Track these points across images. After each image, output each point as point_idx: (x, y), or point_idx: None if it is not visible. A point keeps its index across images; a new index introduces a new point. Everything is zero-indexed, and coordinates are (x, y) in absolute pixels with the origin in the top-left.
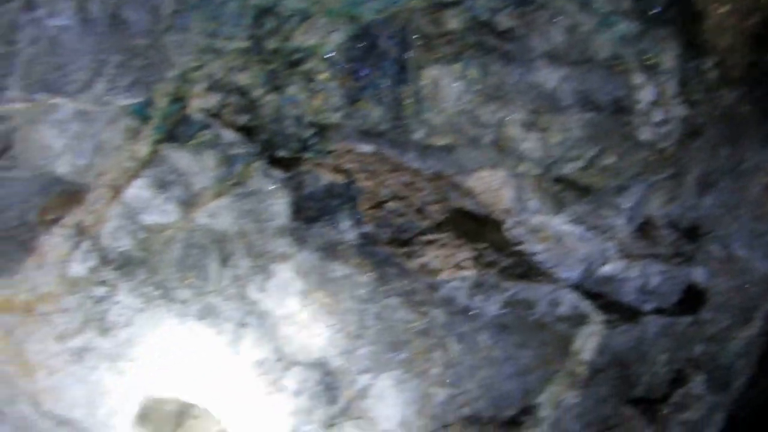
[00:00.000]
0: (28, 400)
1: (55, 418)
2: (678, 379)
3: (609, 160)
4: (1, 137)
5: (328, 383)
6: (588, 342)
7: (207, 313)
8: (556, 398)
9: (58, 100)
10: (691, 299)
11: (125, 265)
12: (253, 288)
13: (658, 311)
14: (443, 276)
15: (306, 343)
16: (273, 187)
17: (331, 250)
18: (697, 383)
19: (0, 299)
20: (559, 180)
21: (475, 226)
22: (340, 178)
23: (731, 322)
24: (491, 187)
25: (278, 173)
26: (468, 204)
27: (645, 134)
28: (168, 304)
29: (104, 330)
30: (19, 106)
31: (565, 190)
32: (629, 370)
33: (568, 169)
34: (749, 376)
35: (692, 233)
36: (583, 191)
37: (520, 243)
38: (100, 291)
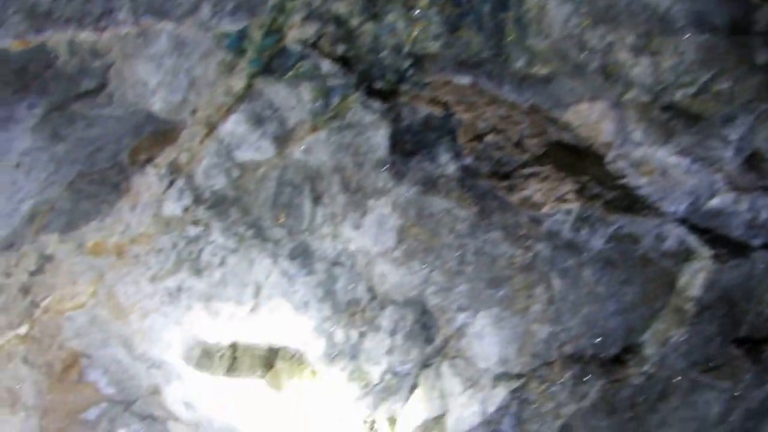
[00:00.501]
0: (120, 343)
1: (148, 361)
2: None
3: (723, 85)
4: (96, 74)
5: (425, 322)
6: (695, 278)
7: (300, 253)
8: (662, 336)
9: (164, 24)
10: None
11: (219, 204)
12: (348, 225)
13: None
14: (546, 209)
15: (401, 282)
16: (371, 118)
17: (430, 184)
18: None
19: (91, 243)
20: (667, 108)
21: (576, 160)
22: (437, 111)
23: None
24: (590, 120)
25: (377, 105)
26: (567, 137)
27: (762, 57)
28: (261, 243)
29: (198, 270)
30: (127, 30)
31: (674, 118)
32: (736, 308)
33: (679, 95)
34: None
35: None
36: (691, 120)
37: (622, 176)
38: (194, 231)
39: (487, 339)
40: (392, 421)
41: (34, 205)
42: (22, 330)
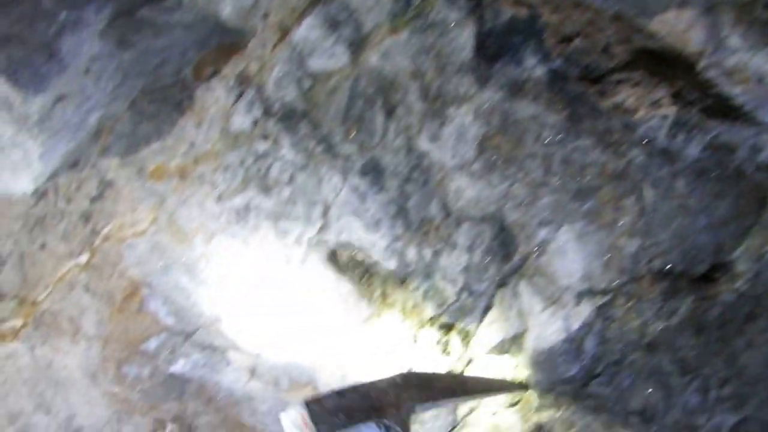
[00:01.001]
0: (183, 270)
1: (211, 286)
2: None
3: None
4: None
5: (503, 239)
6: None
7: (371, 169)
8: (757, 251)
9: None
10: None
11: (289, 117)
12: (425, 137)
13: None
14: (640, 115)
15: (479, 196)
16: (456, 17)
17: (516, 89)
18: None
19: (152, 167)
20: None
21: (666, 67)
22: (522, 12)
23: None
24: (677, 29)
25: (462, 1)
26: (653, 46)
27: None
28: (331, 160)
29: (266, 188)
30: None
31: None
32: None
33: None
34: None
35: None
36: None
37: (716, 84)
38: (263, 146)
39: (569, 255)
40: (466, 341)
41: (101, 118)
42: (83, 258)
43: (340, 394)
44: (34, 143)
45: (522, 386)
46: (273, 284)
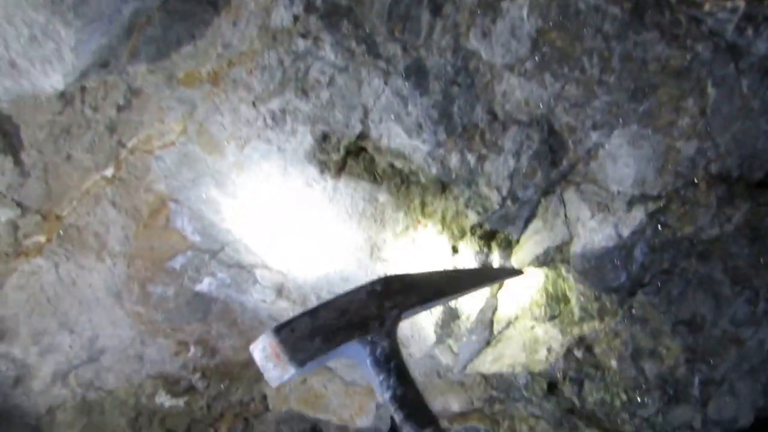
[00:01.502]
0: (212, 182)
1: (244, 197)
2: None
3: None
4: None
5: (551, 143)
6: None
7: (414, 71)
8: None
9: None
10: None
11: (331, 14)
12: (474, 34)
13: None
14: (708, 7)
15: (529, 98)
16: None
17: None
18: None
19: (182, 73)
20: None
21: None
22: None
23: None
24: None
25: None
26: None
27: None
28: (373, 61)
29: (304, 90)
30: None
31: None
32: None
33: None
34: None
35: None
36: None
37: None
38: (303, 45)
39: (622, 159)
40: (508, 252)
41: (134, 12)
42: (109, 171)
43: (313, 314)
44: (67, 32)
45: (516, 272)
46: (307, 195)
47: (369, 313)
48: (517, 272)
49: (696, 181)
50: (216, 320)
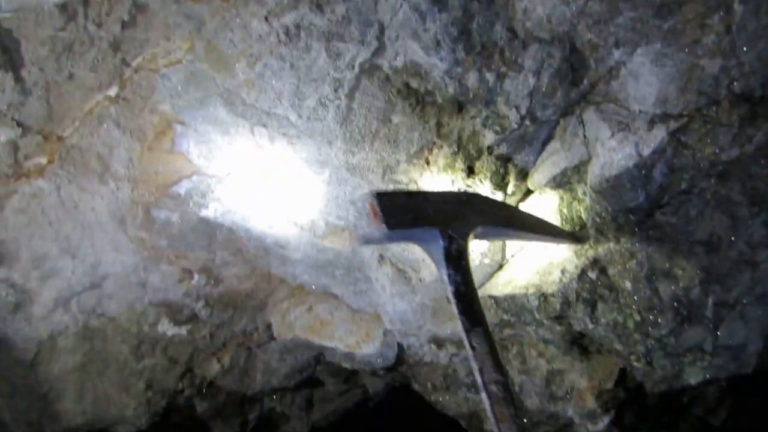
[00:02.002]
0: (221, 102)
1: (253, 118)
2: None
3: None
4: None
5: (573, 62)
6: None
7: None
8: None
9: None
10: None
11: None
12: None
13: None
14: None
15: (551, 14)
16: None
17: None
18: None
19: None
20: None
21: None
22: None
23: None
24: None
25: None
26: None
27: None
28: None
29: (319, 5)
30: None
31: None
32: None
33: None
34: None
35: None
36: None
37: None
38: None
39: (644, 78)
40: (524, 173)
41: None
42: (113, 91)
43: (410, 194)
44: None
45: (577, 239)
46: (320, 115)
47: (455, 212)
48: (577, 239)
49: (718, 100)
50: (221, 247)
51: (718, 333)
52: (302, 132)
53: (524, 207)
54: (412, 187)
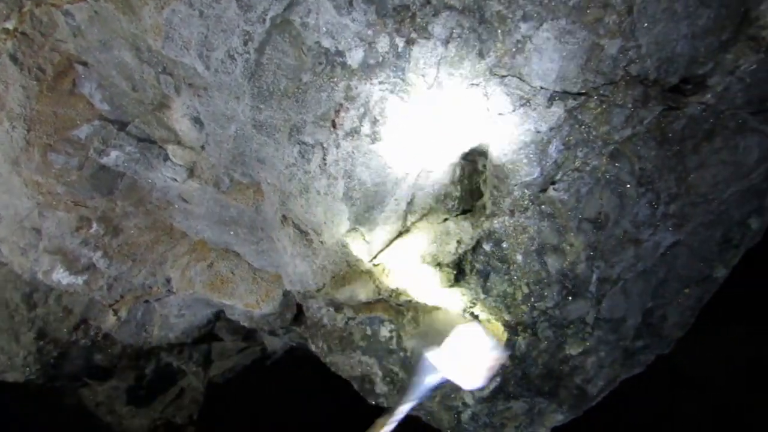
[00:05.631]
0: (127, 45)
1: (159, 65)
2: None
3: None
4: None
5: (481, 33)
6: None
7: None
8: (731, 65)
9: None
10: None
11: None
12: None
13: None
14: None
15: None
16: None
17: None
18: None
19: None
20: None
21: None
22: None
23: None
24: None
25: None
26: None
27: None
28: None
29: None
30: None
31: None
32: None
33: None
34: None
35: None
36: None
37: None
38: None
39: (547, 54)
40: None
41: None
42: (10, 23)
43: None
44: None
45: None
46: (228, 68)
47: None
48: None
49: (616, 80)
50: (122, 197)
51: (600, 307)
52: (210, 84)
53: (427, 176)
54: (317, 150)
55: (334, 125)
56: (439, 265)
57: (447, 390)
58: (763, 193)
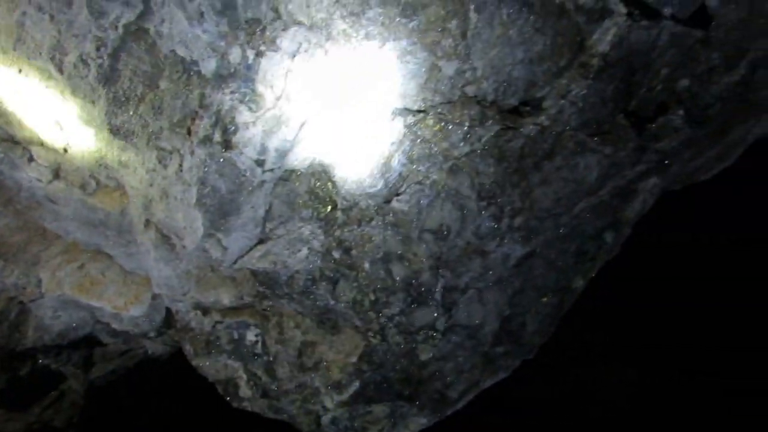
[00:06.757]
0: None
1: (14, 65)
2: (663, 108)
3: None
4: None
5: (328, 49)
6: (606, 35)
7: None
8: (564, 89)
9: None
10: (702, 20)
11: None
12: None
13: (675, 18)
14: None
15: (309, 1)
16: None
17: None
18: (677, 116)
19: None
20: None
21: None
22: None
23: (719, 62)
24: None
25: None
26: None
27: None
28: None
29: None
30: None
31: None
32: (633, 77)
33: None
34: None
35: None
36: None
37: None
38: None
39: (391, 72)
40: (283, 152)
41: None
42: None
43: None
44: None
45: None
46: (82, 72)
47: None
48: None
49: (453, 99)
50: None
51: (454, 314)
52: (65, 87)
53: (284, 185)
54: (175, 156)
55: (189, 132)
56: (291, 271)
57: (307, 393)
58: (614, 208)
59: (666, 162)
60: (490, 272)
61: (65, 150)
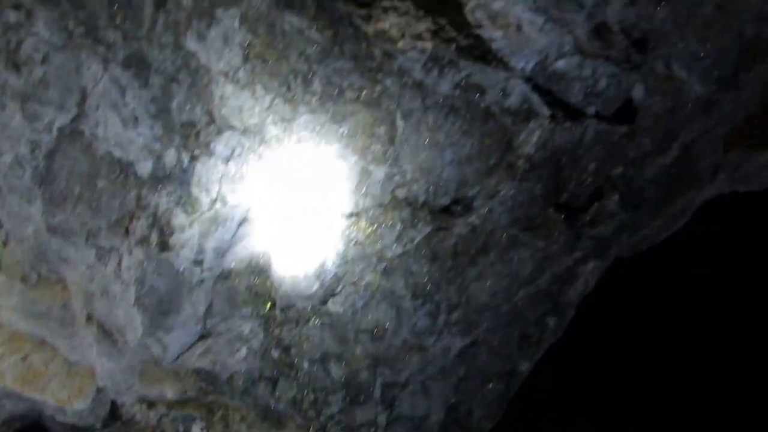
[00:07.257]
0: None
1: None
2: (597, 194)
3: None
4: None
5: (262, 153)
6: (531, 136)
7: (135, 62)
8: (492, 189)
9: None
10: (628, 113)
11: None
12: (191, 37)
13: (599, 116)
14: (401, 45)
15: (242, 106)
16: None
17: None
18: (612, 201)
19: None
20: None
21: (436, 3)
22: None
23: (651, 147)
24: None
25: None
26: None
27: None
28: (92, 45)
29: (16, 65)
30: None
31: None
32: (561, 173)
33: None
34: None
35: (641, 44)
36: None
37: (479, 26)
38: (14, 17)
39: (321, 175)
40: (220, 252)
41: None
42: None
43: None
44: None
45: None
46: (17, 173)
47: None
48: None
49: (384, 203)
50: None
51: (397, 407)
52: (1, 186)
53: (223, 282)
54: (114, 255)
55: (127, 232)
56: (230, 372)
57: None
58: (555, 294)
59: (603, 246)
60: (431, 365)
61: (4, 244)
